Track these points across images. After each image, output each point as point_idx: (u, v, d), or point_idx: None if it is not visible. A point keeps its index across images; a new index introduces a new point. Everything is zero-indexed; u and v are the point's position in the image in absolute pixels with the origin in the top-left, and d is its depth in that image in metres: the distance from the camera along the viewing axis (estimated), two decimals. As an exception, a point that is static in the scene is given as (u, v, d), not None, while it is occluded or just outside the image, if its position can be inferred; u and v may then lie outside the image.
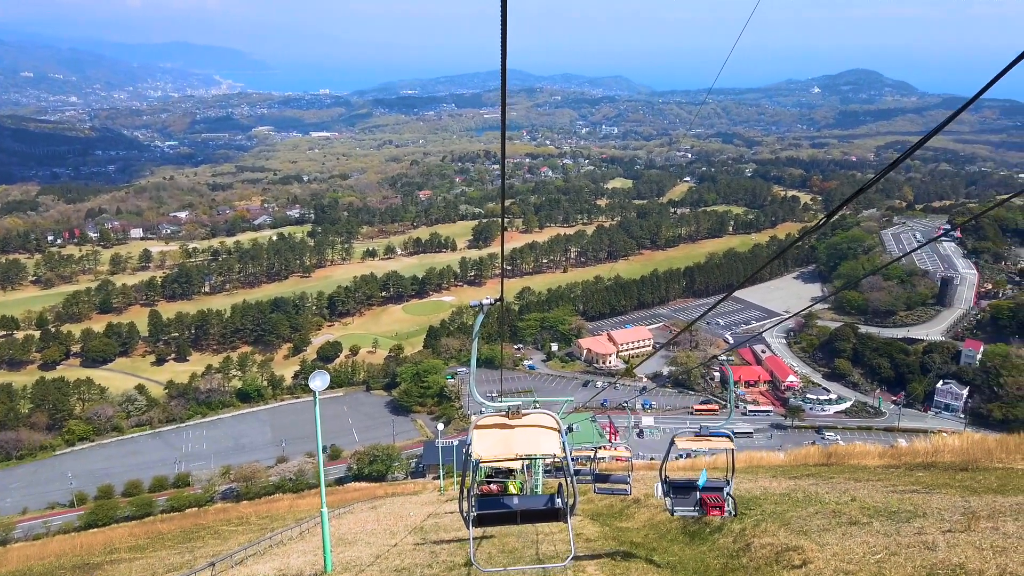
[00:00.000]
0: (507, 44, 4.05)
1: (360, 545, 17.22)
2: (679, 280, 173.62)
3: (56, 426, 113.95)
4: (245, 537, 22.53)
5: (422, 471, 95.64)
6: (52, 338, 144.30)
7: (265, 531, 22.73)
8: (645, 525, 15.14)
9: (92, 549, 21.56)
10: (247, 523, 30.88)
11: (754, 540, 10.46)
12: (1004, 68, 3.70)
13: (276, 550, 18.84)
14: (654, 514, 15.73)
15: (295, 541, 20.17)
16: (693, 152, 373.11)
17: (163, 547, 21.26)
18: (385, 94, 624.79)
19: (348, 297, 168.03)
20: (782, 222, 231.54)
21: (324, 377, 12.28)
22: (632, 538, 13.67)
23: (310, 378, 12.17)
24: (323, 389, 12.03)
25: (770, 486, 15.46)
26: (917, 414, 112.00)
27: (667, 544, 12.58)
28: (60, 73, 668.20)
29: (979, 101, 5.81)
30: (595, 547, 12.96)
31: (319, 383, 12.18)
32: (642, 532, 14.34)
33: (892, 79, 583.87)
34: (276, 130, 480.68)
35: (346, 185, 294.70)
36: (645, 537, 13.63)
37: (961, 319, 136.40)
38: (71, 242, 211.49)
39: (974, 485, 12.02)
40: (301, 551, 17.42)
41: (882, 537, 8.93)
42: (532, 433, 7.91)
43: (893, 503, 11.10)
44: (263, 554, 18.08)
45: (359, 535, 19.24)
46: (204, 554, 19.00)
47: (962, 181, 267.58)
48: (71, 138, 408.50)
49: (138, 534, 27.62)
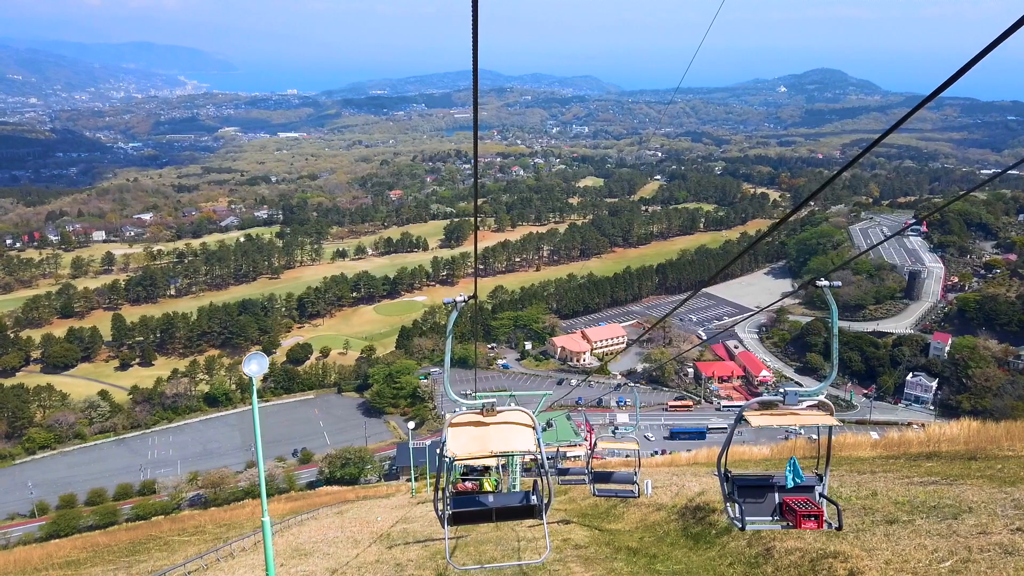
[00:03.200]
0: (478, 42, 4.05)
1: (317, 557, 15.92)
2: (651, 277, 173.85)
3: (16, 434, 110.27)
4: (195, 549, 21.10)
5: (396, 473, 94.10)
6: (11, 344, 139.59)
7: (219, 541, 21.29)
8: (638, 526, 13.95)
9: (27, 564, 19.94)
10: (202, 532, 29.29)
11: (774, 544, 9.13)
12: (959, 69, 3.77)
13: (221, 564, 17.42)
14: (646, 514, 14.60)
15: (247, 553, 18.70)
16: (663, 151, 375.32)
17: (102, 561, 19.77)
18: (354, 94, 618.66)
19: (318, 298, 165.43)
20: (752, 218, 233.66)
21: (262, 360, 10.57)
22: (626, 542, 12.49)
23: (244, 362, 10.41)
24: (260, 375, 10.29)
25: None
26: (888, 407, 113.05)
27: (668, 549, 11.33)
28: (18, 74, 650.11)
29: (940, 99, 5.66)
30: (587, 555, 11.71)
31: (255, 367, 10.49)
32: (636, 535, 13.16)
33: (856, 78, 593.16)
34: (243, 131, 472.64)
35: (315, 186, 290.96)
36: (641, 541, 12.43)
37: (929, 312, 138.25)
38: (31, 245, 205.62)
39: (1001, 475, 10.95)
40: (249, 565, 16.05)
41: (939, 539, 7.67)
42: (507, 430, 7.78)
43: (921, 496, 9.86)
44: (206, 570, 16.66)
45: (318, 545, 17.92)
46: (142, 571, 17.50)
47: (926, 177, 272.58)
48: (31, 140, 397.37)
49: (81, 546, 25.93)
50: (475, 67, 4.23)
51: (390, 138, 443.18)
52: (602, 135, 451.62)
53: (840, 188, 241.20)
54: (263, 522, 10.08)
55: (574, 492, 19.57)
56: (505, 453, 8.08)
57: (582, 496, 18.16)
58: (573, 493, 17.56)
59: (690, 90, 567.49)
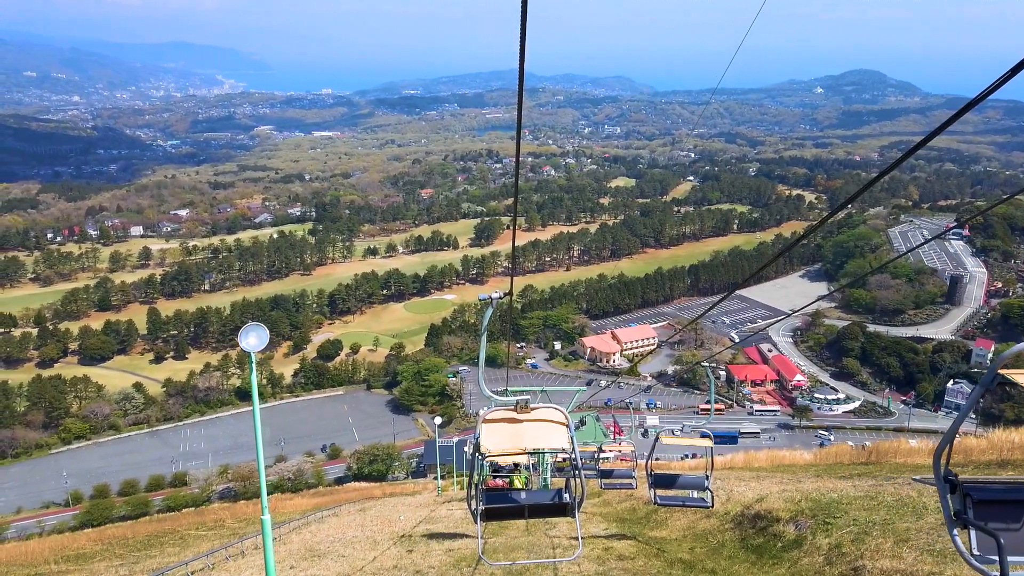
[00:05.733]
0: (526, 41, 4.01)
1: (330, 559, 14.99)
2: (683, 278, 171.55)
3: (52, 424, 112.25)
4: (208, 545, 20.57)
5: (423, 471, 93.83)
6: (50, 336, 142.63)
7: (235, 537, 20.76)
8: (686, 535, 12.74)
9: (38, 556, 19.63)
10: (220, 527, 28.86)
11: (864, 562, 7.67)
12: (1005, 75, 3.59)
13: (229, 564, 16.70)
14: (694, 521, 13.31)
15: (259, 551, 17.97)
16: (696, 151, 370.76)
17: (111, 556, 19.33)
18: (387, 94, 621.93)
19: (349, 295, 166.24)
20: (787, 220, 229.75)
21: (260, 332, 9.19)
22: (677, 554, 11.24)
23: (241, 334, 9.06)
24: (260, 349, 8.97)
25: (835, 487, 12.43)
26: (927, 414, 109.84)
27: (727, 563, 10.08)
28: (63, 73, 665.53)
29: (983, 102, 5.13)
30: (635, 568, 10.51)
31: (254, 340, 9.15)
32: (686, 545, 11.97)
33: (896, 79, 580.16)
34: (278, 130, 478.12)
35: (348, 184, 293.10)
36: (693, 553, 11.18)
37: (971, 318, 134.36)
38: (71, 240, 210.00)
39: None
40: (258, 566, 15.36)
41: None
42: (540, 427, 7.77)
43: None
44: (212, 569, 16.02)
45: (334, 545, 17.05)
46: (148, 567, 16.93)
47: (967, 180, 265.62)
48: (73, 137, 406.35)
49: (96, 539, 25.63)
50: (521, 67, 4.15)
51: (422, 137, 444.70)
52: (634, 136, 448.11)
53: (878, 190, 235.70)
54: (263, 520, 9.11)
55: (608, 494, 18.47)
56: (538, 450, 8.11)
57: (618, 499, 17.17)
58: (608, 495, 16.53)
59: (724, 91, 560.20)
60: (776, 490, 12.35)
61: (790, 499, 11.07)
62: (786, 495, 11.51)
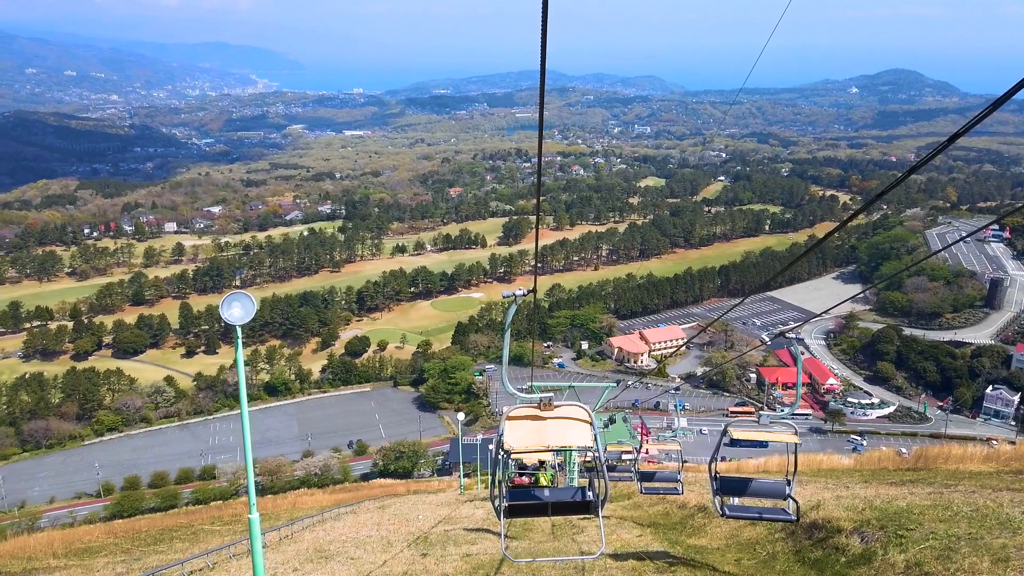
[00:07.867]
0: (547, 40, 4.09)
1: (337, 562, 14.21)
2: (713, 279, 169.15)
3: (86, 416, 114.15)
4: (218, 541, 20.11)
5: (448, 468, 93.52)
6: (85, 329, 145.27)
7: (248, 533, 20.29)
8: (729, 544, 11.50)
9: (48, 548, 19.34)
10: (236, 522, 28.47)
11: None
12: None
13: (231, 564, 16.07)
14: (737, 528, 12.05)
15: (268, 550, 17.36)
16: (727, 151, 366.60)
17: (117, 551, 18.95)
18: (418, 93, 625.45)
19: (377, 292, 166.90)
20: (820, 221, 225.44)
21: (246, 302, 7.75)
22: (721, 564, 10.16)
23: (223, 304, 7.61)
24: (246, 322, 7.65)
25: (896, 494, 11.24)
26: (965, 420, 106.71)
27: None
28: (102, 72, 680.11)
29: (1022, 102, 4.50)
30: None
31: (238, 311, 7.76)
32: (730, 555, 10.81)
33: (933, 79, 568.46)
34: (310, 128, 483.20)
35: (377, 182, 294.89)
36: (740, 565, 10.03)
37: (1012, 322, 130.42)
38: (107, 235, 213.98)
39: None
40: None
41: None
42: (564, 425, 7.70)
43: None
44: (212, 568, 15.46)
45: (345, 546, 16.34)
46: (148, 564, 16.42)
47: (1007, 182, 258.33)
48: (111, 135, 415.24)
49: (106, 532, 25.38)
50: (543, 59, 4.19)
51: (451, 137, 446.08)
52: (664, 135, 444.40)
53: (915, 191, 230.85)
54: (250, 520, 8.30)
55: (639, 496, 17.43)
56: (562, 448, 7.96)
57: (649, 502, 16.26)
58: (638, 498, 15.56)
59: (756, 90, 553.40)
60: (829, 496, 11.32)
61: (850, 507, 9.97)
62: (844, 502, 10.45)
